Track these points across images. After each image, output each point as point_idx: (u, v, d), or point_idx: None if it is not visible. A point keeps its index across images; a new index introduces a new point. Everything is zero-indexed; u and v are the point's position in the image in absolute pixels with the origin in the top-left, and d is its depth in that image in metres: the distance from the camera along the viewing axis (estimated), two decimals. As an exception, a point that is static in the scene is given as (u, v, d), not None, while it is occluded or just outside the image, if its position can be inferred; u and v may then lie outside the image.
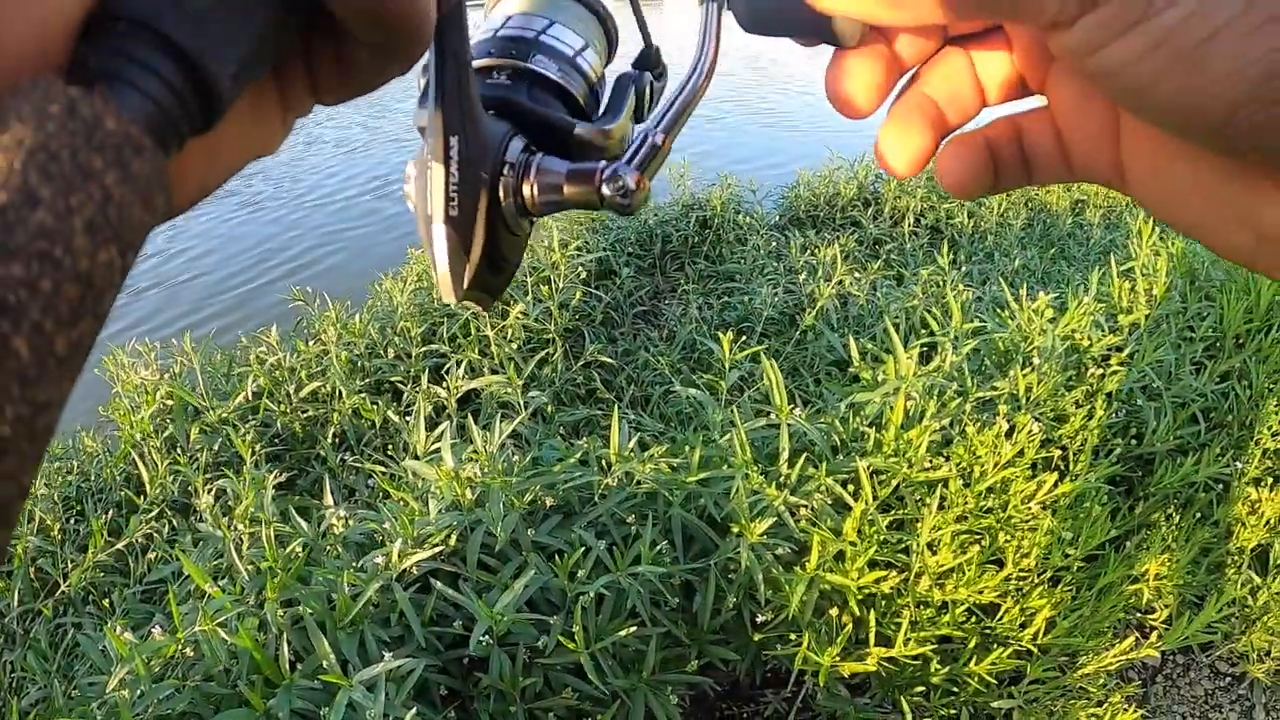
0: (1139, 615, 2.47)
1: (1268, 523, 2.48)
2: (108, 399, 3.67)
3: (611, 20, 0.47)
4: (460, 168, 0.37)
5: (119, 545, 3.01)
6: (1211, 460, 2.36)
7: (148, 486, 3.15)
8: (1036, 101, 0.35)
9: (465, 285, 0.39)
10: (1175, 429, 2.42)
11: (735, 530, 1.85)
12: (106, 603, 2.73)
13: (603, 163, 0.39)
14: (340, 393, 3.16)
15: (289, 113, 0.31)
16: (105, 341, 3.99)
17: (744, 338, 3.72)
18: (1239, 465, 2.42)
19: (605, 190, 0.39)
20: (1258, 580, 2.47)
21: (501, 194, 0.39)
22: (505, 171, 0.39)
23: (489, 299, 0.42)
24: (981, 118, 0.36)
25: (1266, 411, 2.50)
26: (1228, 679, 2.74)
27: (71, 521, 3.32)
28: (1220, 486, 2.53)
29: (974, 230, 6.47)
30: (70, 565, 3.05)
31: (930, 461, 1.92)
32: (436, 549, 1.83)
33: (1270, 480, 2.48)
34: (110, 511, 3.29)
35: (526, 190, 0.40)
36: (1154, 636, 2.40)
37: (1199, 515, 2.49)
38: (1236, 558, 2.51)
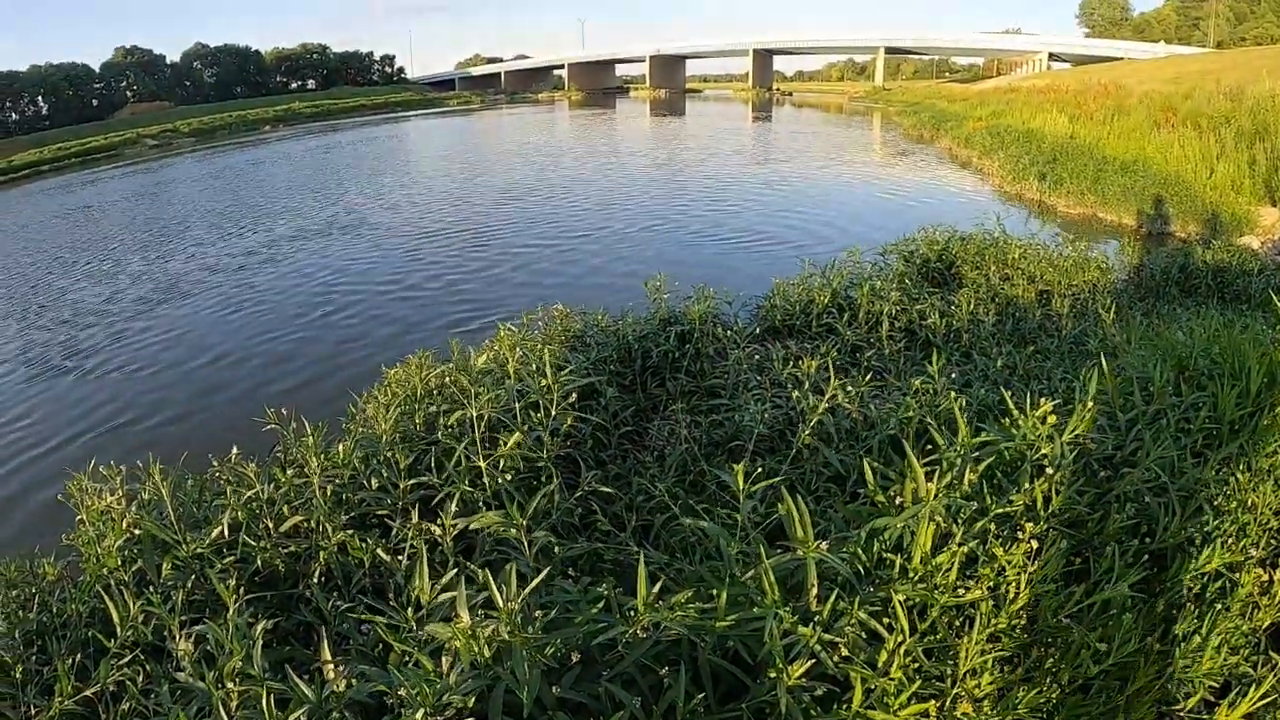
0: (1164, 706, 2.44)
1: (1280, 602, 2.48)
2: (71, 525, 3.47)
3: None
4: None
5: (88, 692, 2.81)
6: (1221, 551, 2.36)
7: (118, 627, 2.95)
8: None
9: None
10: (1184, 521, 2.42)
11: (770, 673, 1.78)
12: (76, 762, 2.54)
13: None
14: (325, 528, 3.00)
15: None
16: (67, 468, 3.79)
17: (736, 457, 3.67)
18: (1251, 551, 2.42)
19: None
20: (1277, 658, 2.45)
21: None
22: None
23: None
24: None
25: (1265, 492, 2.50)
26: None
27: (33, 660, 3.11)
28: (1232, 572, 2.53)
29: (948, 330, 6.54)
30: (33, 710, 2.86)
31: (961, 585, 1.88)
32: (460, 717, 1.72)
33: (1276, 560, 2.48)
34: (77, 653, 3.08)
35: None
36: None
37: (1215, 604, 2.48)
38: (1251, 638, 2.50)
